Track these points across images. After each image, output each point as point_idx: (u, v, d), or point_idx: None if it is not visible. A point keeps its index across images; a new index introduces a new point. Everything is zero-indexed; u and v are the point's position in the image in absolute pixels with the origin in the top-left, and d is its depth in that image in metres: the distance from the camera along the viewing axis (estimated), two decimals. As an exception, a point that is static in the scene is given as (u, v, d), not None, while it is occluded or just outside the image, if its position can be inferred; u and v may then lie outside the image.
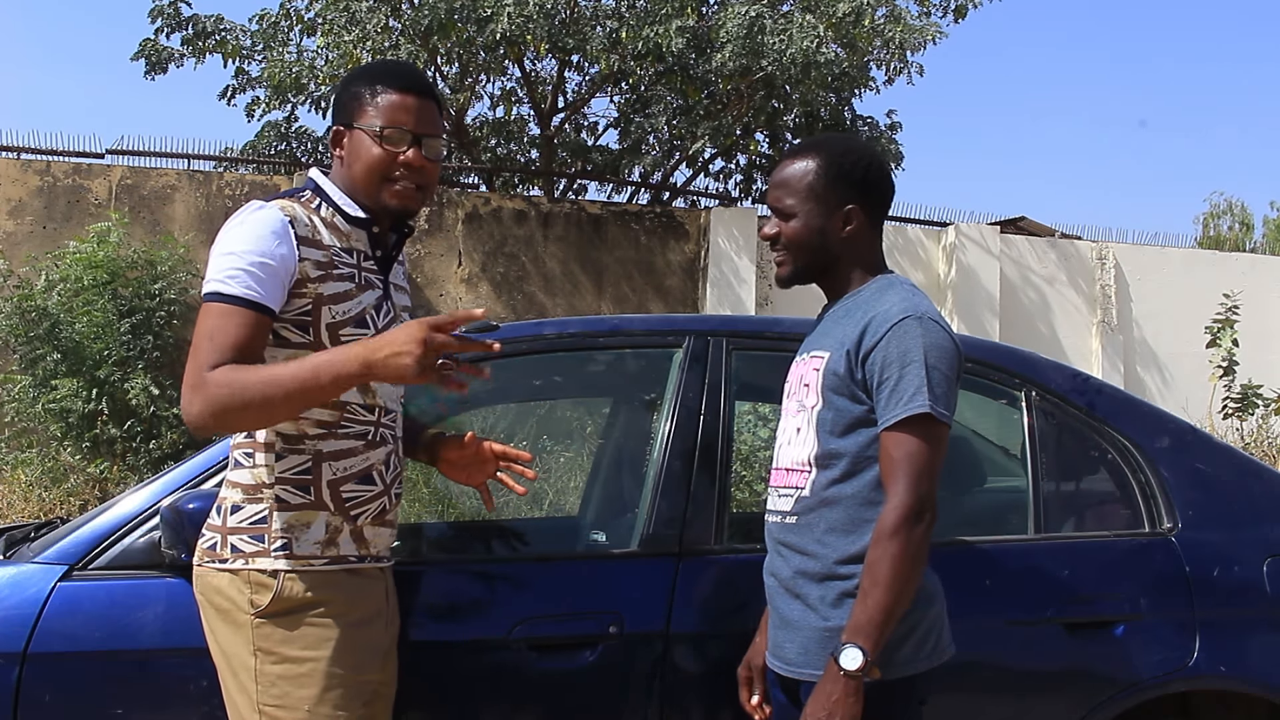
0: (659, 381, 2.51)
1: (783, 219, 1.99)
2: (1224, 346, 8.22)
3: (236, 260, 1.80)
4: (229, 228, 1.86)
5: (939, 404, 1.82)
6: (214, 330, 1.78)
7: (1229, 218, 23.46)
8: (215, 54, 10.05)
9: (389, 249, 2.01)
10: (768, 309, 9.59)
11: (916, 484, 1.80)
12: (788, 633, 1.94)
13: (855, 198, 1.96)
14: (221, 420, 1.76)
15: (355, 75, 2.01)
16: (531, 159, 11.70)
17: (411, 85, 1.95)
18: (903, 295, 1.92)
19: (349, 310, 1.89)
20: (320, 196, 1.95)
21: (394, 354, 1.70)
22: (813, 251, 1.98)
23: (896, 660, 1.83)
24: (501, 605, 2.25)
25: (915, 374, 1.82)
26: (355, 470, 1.92)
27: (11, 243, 8.43)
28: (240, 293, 1.79)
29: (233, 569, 1.86)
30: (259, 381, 1.74)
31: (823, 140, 2.09)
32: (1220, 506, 2.50)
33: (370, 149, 1.91)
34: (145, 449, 7.48)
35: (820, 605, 1.89)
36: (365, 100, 1.93)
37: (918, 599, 1.88)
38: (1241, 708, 2.41)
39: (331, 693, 1.83)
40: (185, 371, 1.79)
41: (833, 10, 8.87)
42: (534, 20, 8.48)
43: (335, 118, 1.98)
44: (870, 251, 2.01)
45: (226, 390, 1.73)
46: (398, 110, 1.92)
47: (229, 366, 1.75)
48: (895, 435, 1.82)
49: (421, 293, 9.10)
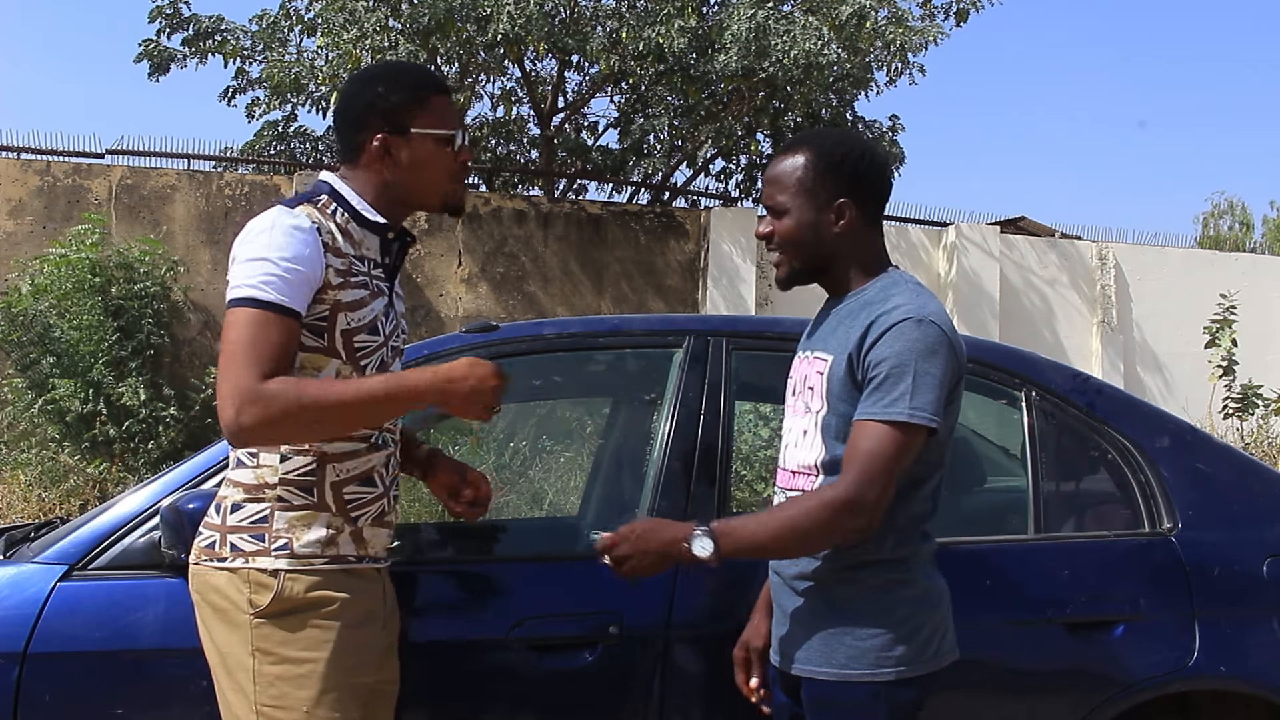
0: (659, 381, 2.51)
1: (775, 216, 1.96)
2: (1223, 346, 8.22)
3: (270, 266, 1.79)
4: (257, 231, 1.84)
5: (919, 411, 1.78)
6: (255, 339, 1.77)
7: (1229, 218, 23.47)
8: (215, 55, 10.05)
9: (395, 257, 2.01)
10: (768, 309, 9.59)
11: (869, 484, 1.76)
12: (789, 630, 1.94)
13: (847, 191, 1.91)
14: (275, 431, 1.79)
15: (382, 80, 1.97)
16: (531, 159, 11.70)
17: (446, 87, 2.02)
18: (907, 295, 1.87)
19: (364, 317, 1.90)
20: (336, 201, 1.94)
21: (473, 391, 1.83)
22: (807, 248, 1.94)
23: (893, 658, 1.83)
24: (501, 605, 2.25)
25: (902, 378, 1.78)
26: (358, 472, 1.92)
27: (12, 243, 8.43)
28: (275, 299, 1.78)
29: (231, 568, 1.85)
30: (323, 396, 1.77)
31: (814, 134, 2.04)
32: (1220, 506, 2.50)
33: (440, 152, 1.95)
34: (144, 449, 7.48)
35: (824, 605, 1.89)
36: (416, 106, 1.94)
37: (922, 601, 1.87)
38: (1241, 708, 2.41)
39: (329, 694, 1.83)
40: (224, 380, 1.77)
41: (835, 13, 8.87)
42: (534, 20, 8.48)
43: (374, 124, 1.93)
44: (868, 247, 1.96)
45: (285, 404, 1.74)
46: (451, 114, 1.99)
47: (285, 379, 1.77)
48: (868, 427, 1.79)
49: (421, 293, 9.11)
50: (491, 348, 2.48)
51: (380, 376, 1.86)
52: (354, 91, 1.98)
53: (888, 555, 1.87)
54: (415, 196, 1.98)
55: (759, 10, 8.76)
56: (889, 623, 1.84)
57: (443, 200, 2.00)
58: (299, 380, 1.78)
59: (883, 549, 1.87)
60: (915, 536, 1.90)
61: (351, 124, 1.96)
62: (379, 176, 1.95)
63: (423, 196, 1.99)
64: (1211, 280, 9.83)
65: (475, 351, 2.46)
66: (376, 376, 1.86)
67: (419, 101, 1.94)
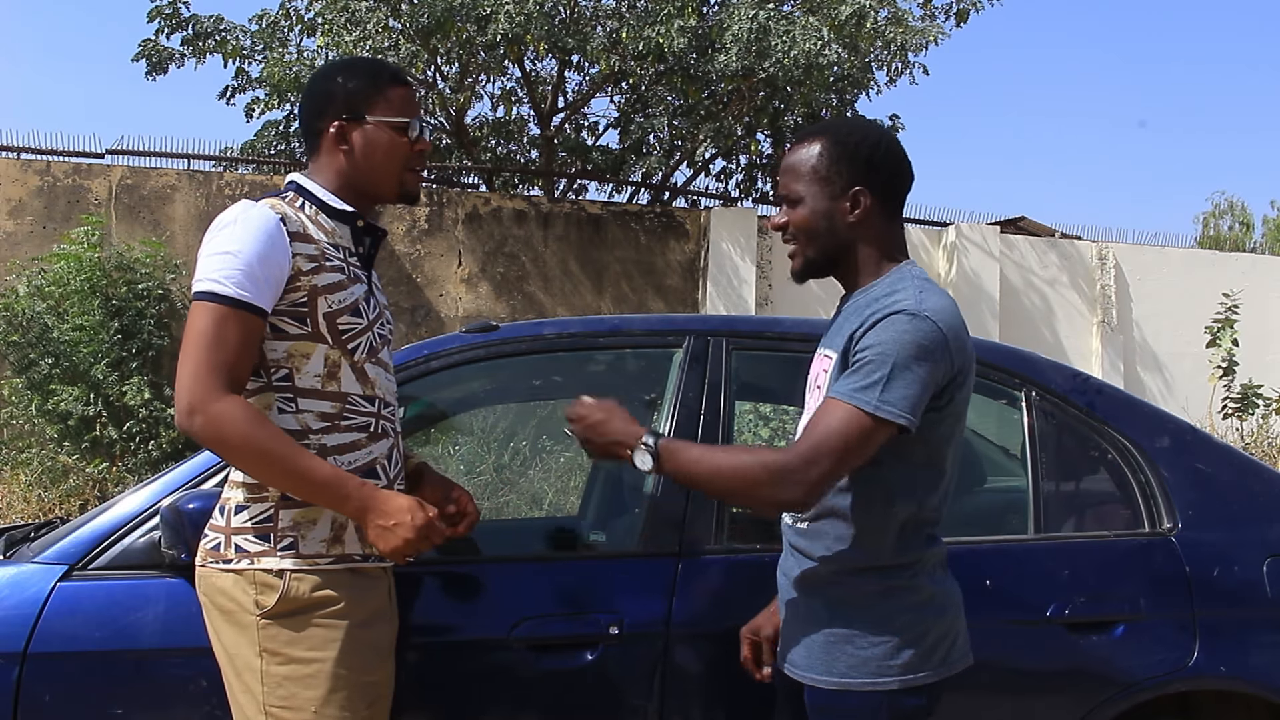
0: (659, 381, 2.51)
1: (790, 206, 1.92)
2: (1224, 347, 8.22)
3: (232, 260, 1.82)
4: (222, 225, 1.87)
5: (887, 405, 1.72)
6: (213, 338, 1.80)
7: (1229, 217, 23.46)
8: (215, 54, 10.04)
9: (369, 247, 2.04)
10: (768, 309, 9.59)
11: (813, 460, 1.72)
12: (793, 635, 1.93)
13: (862, 179, 1.86)
14: (215, 448, 1.84)
15: (341, 71, 2.03)
16: (531, 159, 11.70)
17: (405, 78, 2.06)
18: (911, 290, 1.81)
19: (344, 299, 1.92)
20: (303, 196, 1.98)
21: (395, 525, 1.83)
22: (821, 238, 1.89)
23: (896, 667, 1.81)
24: (502, 605, 2.25)
25: (880, 368, 1.74)
26: (359, 464, 1.92)
27: (12, 243, 8.43)
28: (234, 293, 1.81)
29: (237, 569, 1.86)
30: (269, 448, 1.80)
31: (830, 123, 2.01)
32: (1220, 506, 2.50)
33: (393, 140, 1.98)
34: (144, 450, 7.47)
35: (826, 610, 1.88)
36: (372, 95, 1.98)
37: (927, 607, 1.85)
38: (1241, 708, 2.41)
39: (338, 693, 1.83)
40: (182, 369, 1.81)
41: (835, 13, 8.87)
42: (534, 20, 8.48)
43: (333, 111, 1.98)
44: (885, 238, 1.90)
45: (233, 433, 1.78)
46: (407, 103, 2.02)
47: (247, 408, 1.80)
48: (832, 404, 1.76)
49: (421, 293, 9.11)
50: (491, 348, 2.48)
51: (329, 467, 1.84)
52: (315, 83, 2.04)
53: (889, 561, 1.85)
54: (372, 185, 2.01)
55: (759, 10, 8.77)
56: (891, 630, 1.82)
57: (399, 189, 2.03)
58: (259, 418, 1.81)
59: (883, 555, 1.85)
60: (919, 542, 1.87)
61: (313, 113, 2.01)
62: (337, 163, 1.99)
63: (379, 184, 2.01)
64: (1212, 280, 9.83)
65: (475, 351, 2.47)
66: (326, 465, 1.84)
67: (376, 89, 1.99)
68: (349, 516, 1.86)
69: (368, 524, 1.85)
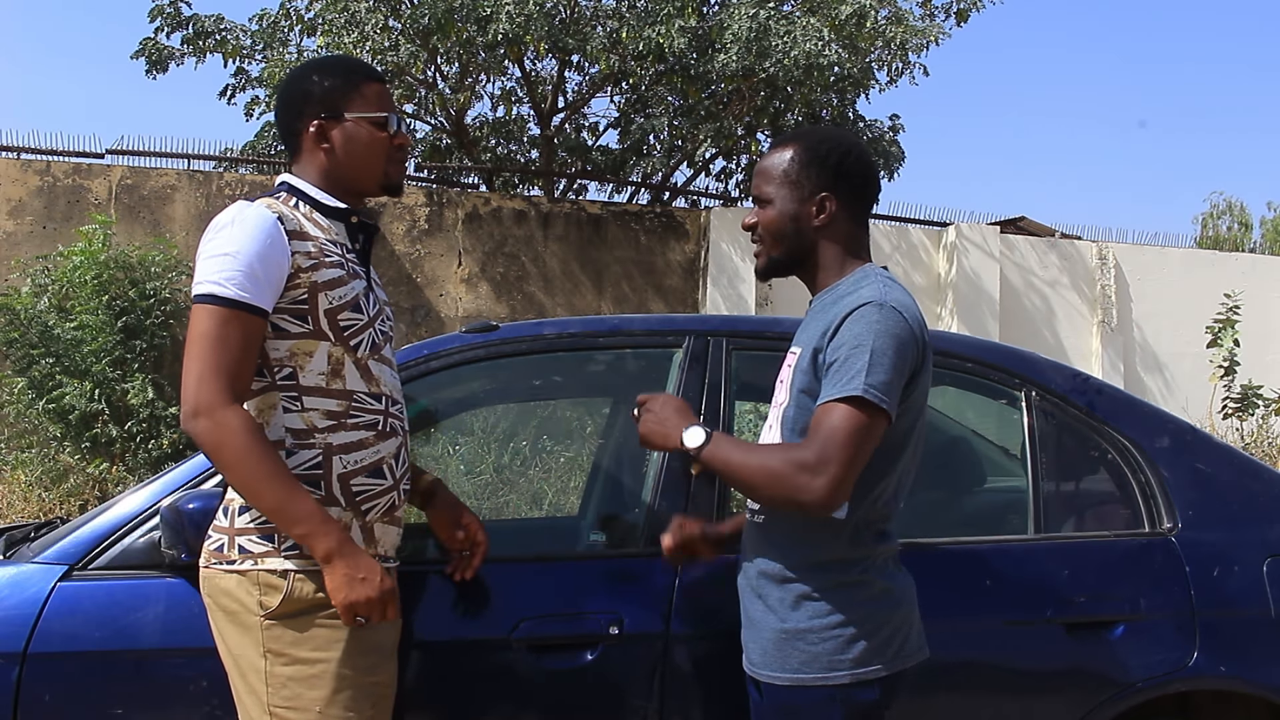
0: (659, 381, 2.51)
1: (760, 207, 2.00)
2: (1225, 347, 8.22)
3: (231, 261, 1.82)
4: (220, 227, 1.88)
5: (873, 389, 1.76)
6: (216, 340, 1.80)
7: (1228, 218, 23.45)
8: (215, 54, 10.05)
9: (363, 243, 2.05)
10: (768, 309, 9.58)
11: (830, 453, 1.75)
12: (751, 632, 1.95)
13: (830, 185, 1.94)
14: (210, 453, 1.83)
15: (315, 70, 2.04)
16: (531, 159, 11.70)
17: (379, 74, 2.09)
18: (875, 286, 1.87)
19: (344, 295, 1.93)
20: (296, 195, 1.99)
21: (364, 579, 1.82)
22: (787, 239, 1.97)
23: (848, 661, 1.82)
24: (502, 605, 2.25)
25: (859, 358, 1.78)
26: (366, 463, 1.92)
27: (12, 243, 8.43)
28: (235, 295, 1.81)
29: (241, 570, 1.86)
30: (259, 467, 1.80)
31: (805, 131, 2.09)
32: (1220, 506, 2.50)
33: (373, 135, 2.00)
34: (145, 449, 7.47)
35: (779, 607, 1.89)
36: (348, 91, 1.99)
37: (880, 601, 1.87)
38: (1241, 708, 2.41)
39: (342, 694, 1.83)
40: (188, 372, 1.81)
41: (836, 12, 8.87)
42: (534, 20, 8.48)
43: (310, 111, 1.99)
44: (848, 244, 1.97)
45: (231, 444, 1.79)
46: (383, 98, 2.04)
47: (250, 423, 1.80)
48: (827, 408, 1.79)
49: (421, 293, 9.11)
50: (491, 348, 2.48)
51: (314, 505, 1.83)
52: (290, 84, 2.05)
53: (843, 555, 1.87)
54: (355, 180, 2.02)
55: (759, 10, 8.77)
56: (842, 625, 1.84)
57: (382, 182, 2.04)
58: (259, 434, 1.82)
59: (837, 549, 1.87)
60: (870, 537, 1.89)
61: (290, 114, 2.02)
62: (319, 162, 2.00)
63: (363, 179, 2.03)
64: (1211, 280, 9.84)
65: (475, 351, 2.46)
66: (312, 500, 1.83)
67: (352, 86, 2.00)
68: (315, 556, 1.82)
69: (334, 569, 1.81)
